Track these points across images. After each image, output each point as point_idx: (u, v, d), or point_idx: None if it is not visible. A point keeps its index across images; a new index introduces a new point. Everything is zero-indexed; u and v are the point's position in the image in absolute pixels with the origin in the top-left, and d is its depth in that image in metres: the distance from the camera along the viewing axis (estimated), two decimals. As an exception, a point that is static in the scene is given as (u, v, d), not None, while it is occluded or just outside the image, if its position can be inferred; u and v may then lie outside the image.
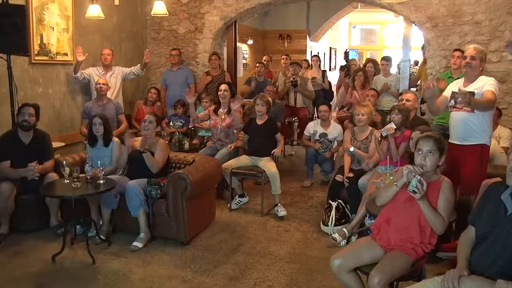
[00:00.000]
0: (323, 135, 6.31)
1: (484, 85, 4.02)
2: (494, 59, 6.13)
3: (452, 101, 3.87)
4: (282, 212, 5.27)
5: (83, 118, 6.14)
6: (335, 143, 6.29)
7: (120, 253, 4.25)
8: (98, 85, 6.09)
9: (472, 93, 3.88)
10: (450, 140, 4.24)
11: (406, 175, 2.78)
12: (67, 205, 4.62)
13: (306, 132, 6.54)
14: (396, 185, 2.90)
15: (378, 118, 5.83)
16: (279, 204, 5.33)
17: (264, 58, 9.92)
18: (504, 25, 6.12)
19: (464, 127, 4.11)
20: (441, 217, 2.78)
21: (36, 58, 5.78)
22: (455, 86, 4.21)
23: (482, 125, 4.07)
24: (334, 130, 6.33)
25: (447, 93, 4.25)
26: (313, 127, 6.44)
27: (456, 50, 5.74)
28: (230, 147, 5.67)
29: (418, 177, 2.72)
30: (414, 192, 2.72)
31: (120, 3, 7.25)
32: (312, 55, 11.41)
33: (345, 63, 9.64)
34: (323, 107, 6.42)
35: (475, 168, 4.06)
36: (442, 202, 2.82)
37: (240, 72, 10.71)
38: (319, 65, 9.83)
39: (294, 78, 7.81)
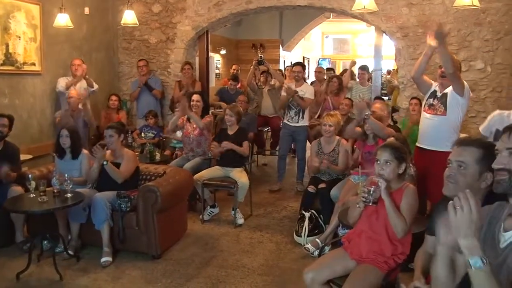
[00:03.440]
0: (294, 92, 6.42)
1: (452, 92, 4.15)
2: (463, 68, 6.16)
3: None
4: (240, 219, 5.33)
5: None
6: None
7: (88, 268, 4.12)
8: (71, 98, 6.00)
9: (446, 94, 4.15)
10: (417, 144, 4.32)
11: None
12: (33, 220, 4.48)
13: (282, 93, 6.68)
14: (358, 206, 2.92)
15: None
16: (238, 209, 5.35)
17: (234, 67, 9.89)
18: (471, 35, 6.25)
19: (434, 131, 4.16)
20: (403, 219, 2.77)
21: (1, 68, 5.63)
22: None
23: (452, 132, 4.13)
24: (305, 88, 6.51)
25: None
26: (289, 85, 6.57)
27: (413, 98, 5.91)
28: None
29: (363, 189, 2.81)
30: (365, 201, 2.80)
31: (90, 12, 7.16)
32: (290, 64, 11.35)
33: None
34: (296, 68, 6.60)
35: (441, 178, 4.06)
36: (404, 205, 2.82)
37: (213, 82, 10.67)
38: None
39: (261, 57, 7.72)
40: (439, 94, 4.24)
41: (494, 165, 1.83)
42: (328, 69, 10.71)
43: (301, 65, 6.76)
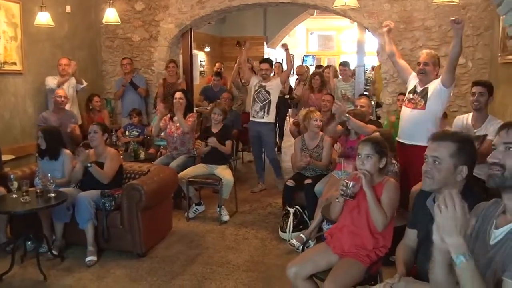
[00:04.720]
0: (261, 86, 6.37)
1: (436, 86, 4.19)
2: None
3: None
4: (225, 216, 5.33)
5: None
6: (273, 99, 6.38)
7: (73, 268, 4.11)
8: (58, 98, 5.94)
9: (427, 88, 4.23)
10: (397, 138, 4.36)
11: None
12: (16, 220, 4.44)
13: (250, 85, 6.73)
14: (338, 201, 2.97)
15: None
16: (223, 206, 5.34)
17: (217, 65, 9.88)
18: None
19: (413, 125, 4.20)
20: (384, 212, 2.81)
21: (-19, 67, 5.57)
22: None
23: (430, 126, 4.16)
24: (273, 82, 6.44)
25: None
26: (256, 82, 6.50)
27: (400, 94, 5.91)
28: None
29: (342, 182, 2.88)
30: (343, 194, 2.85)
31: (72, 10, 7.10)
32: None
33: None
34: (264, 65, 6.46)
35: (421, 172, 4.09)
36: (385, 199, 2.86)
37: (197, 80, 10.65)
38: (282, 71, 9.86)
39: (249, 60, 7.71)
40: (419, 89, 4.30)
41: (488, 159, 1.85)
42: (317, 66, 10.89)
43: (268, 62, 6.69)
